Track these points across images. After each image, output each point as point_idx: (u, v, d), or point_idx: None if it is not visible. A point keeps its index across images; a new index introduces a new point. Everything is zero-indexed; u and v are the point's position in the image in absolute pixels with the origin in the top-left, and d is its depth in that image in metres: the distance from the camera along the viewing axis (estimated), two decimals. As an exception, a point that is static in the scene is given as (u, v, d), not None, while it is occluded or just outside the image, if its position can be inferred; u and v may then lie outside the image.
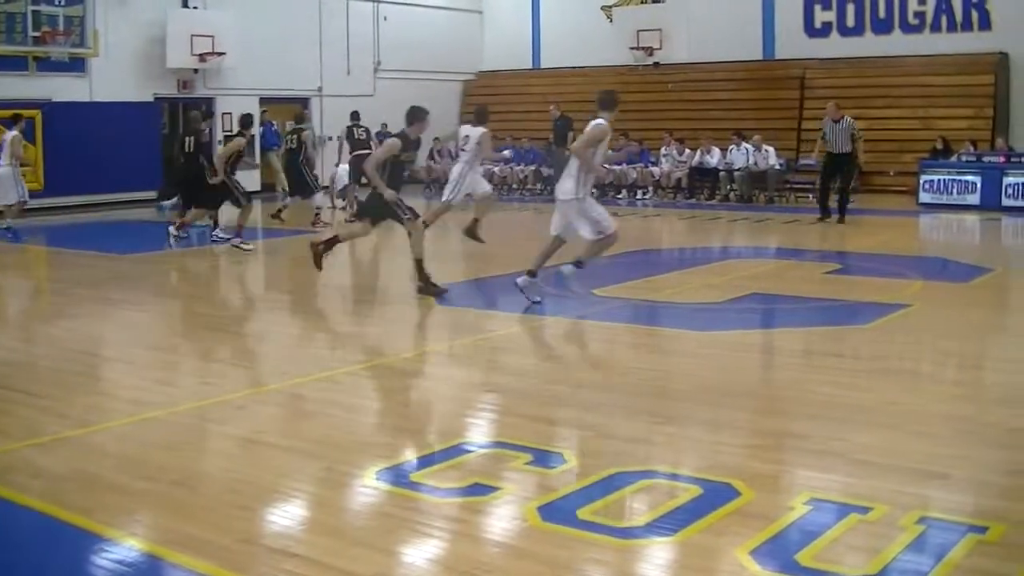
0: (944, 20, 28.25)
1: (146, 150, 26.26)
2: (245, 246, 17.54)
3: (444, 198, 17.31)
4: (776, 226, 20.63)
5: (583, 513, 5.68)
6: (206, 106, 28.11)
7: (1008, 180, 22.79)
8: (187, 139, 19.11)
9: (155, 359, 10.13)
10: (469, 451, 6.88)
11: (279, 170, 29.09)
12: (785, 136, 27.98)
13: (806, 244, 17.80)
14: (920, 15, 28.55)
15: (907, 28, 28.73)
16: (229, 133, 28.28)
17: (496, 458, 6.71)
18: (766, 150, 25.61)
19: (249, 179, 28.54)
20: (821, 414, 7.65)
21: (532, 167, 29.08)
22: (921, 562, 5.09)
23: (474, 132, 16.81)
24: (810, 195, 25.14)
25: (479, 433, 7.58)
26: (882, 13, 29.07)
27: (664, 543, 5.35)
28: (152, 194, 26.61)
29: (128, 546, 5.37)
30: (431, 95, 31.89)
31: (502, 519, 5.74)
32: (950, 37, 28.05)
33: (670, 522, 5.55)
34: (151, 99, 26.98)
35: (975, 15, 27.79)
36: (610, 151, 13.39)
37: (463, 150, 17.09)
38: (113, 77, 25.70)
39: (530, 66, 35.04)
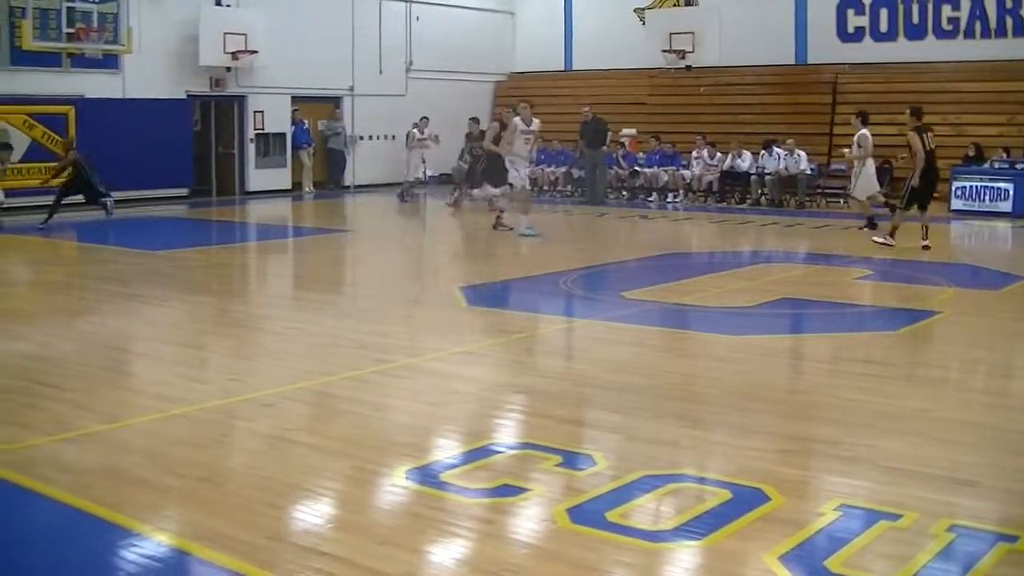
0: (978, 26, 28.08)
1: (178, 147, 26.37)
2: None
3: None
4: (807, 231, 20.59)
5: (612, 515, 5.67)
6: (238, 104, 28.25)
7: (1039, 188, 22.67)
8: None
9: (184, 355, 10.18)
10: (498, 452, 6.88)
11: (309, 168, 29.35)
12: (817, 141, 27.85)
13: (836, 249, 17.73)
14: (954, 21, 28.38)
15: (940, 34, 28.58)
16: (260, 131, 28.43)
17: (525, 459, 6.70)
18: (798, 155, 25.55)
19: (280, 177, 28.76)
20: (851, 420, 7.61)
21: (563, 169, 29.06)
22: (950, 570, 5.08)
23: None
24: (841, 200, 25.07)
25: (508, 434, 7.58)
26: (915, 18, 28.93)
27: (692, 547, 5.34)
28: (184, 191, 26.76)
29: (155, 541, 5.39)
30: (463, 96, 32.11)
31: (530, 520, 5.74)
32: (984, 43, 27.88)
33: (699, 526, 5.54)
34: (183, 96, 27.06)
35: (1009, 21, 27.62)
36: None
37: None
38: (146, 74, 25.79)
39: (562, 68, 35.00)
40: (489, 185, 21.24)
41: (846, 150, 21.96)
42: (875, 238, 17.11)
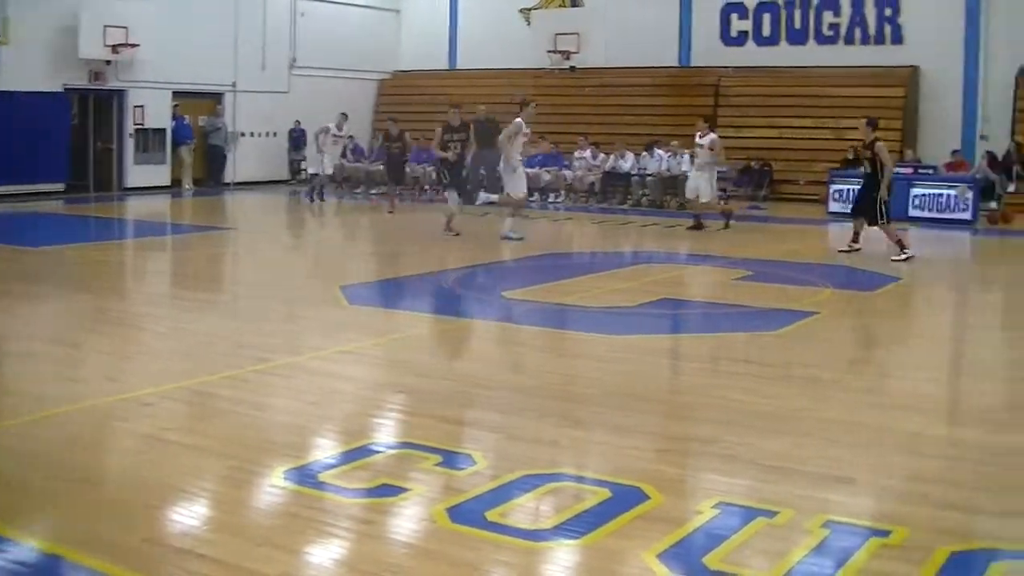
0: (858, 33, 28.68)
1: (55, 142, 25.84)
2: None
3: None
4: (687, 232, 20.77)
5: (491, 515, 5.68)
6: (117, 98, 27.78)
7: (915, 191, 23.18)
8: None
9: (60, 354, 9.95)
10: (378, 452, 6.85)
11: (189, 165, 28.98)
12: (699, 143, 28.22)
13: (717, 250, 17.92)
14: (835, 27, 28.94)
15: (822, 39, 29.11)
16: (140, 126, 27.99)
17: (405, 459, 6.68)
18: (681, 156, 25.79)
19: (159, 173, 28.34)
20: (730, 419, 7.71)
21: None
22: (825, 565, 5.16)
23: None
24: (722, 201, 25.40)
25: (388, 434, 7.55)
26: (797, 24, 29.43)
27: (572, 546, 5.36)
28: (60, 186, 26.23)
29: (28, 546, 5.27)
30: (346, 93, 31.95)
31: (410, 520, 5.73)
32: (863, 49, 28.49)
33: (578, 525, 5.56)
34: (61, 89, 26.51)
35: (888, 29, 28.27)
36: None
37: None
38: (22, 66, 25.17)
39: (446, 67, 34.99)
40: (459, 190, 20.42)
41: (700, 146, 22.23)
42: (894, 258, 16.93)
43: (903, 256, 16.63)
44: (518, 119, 18.71)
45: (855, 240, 17.48)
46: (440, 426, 7.46)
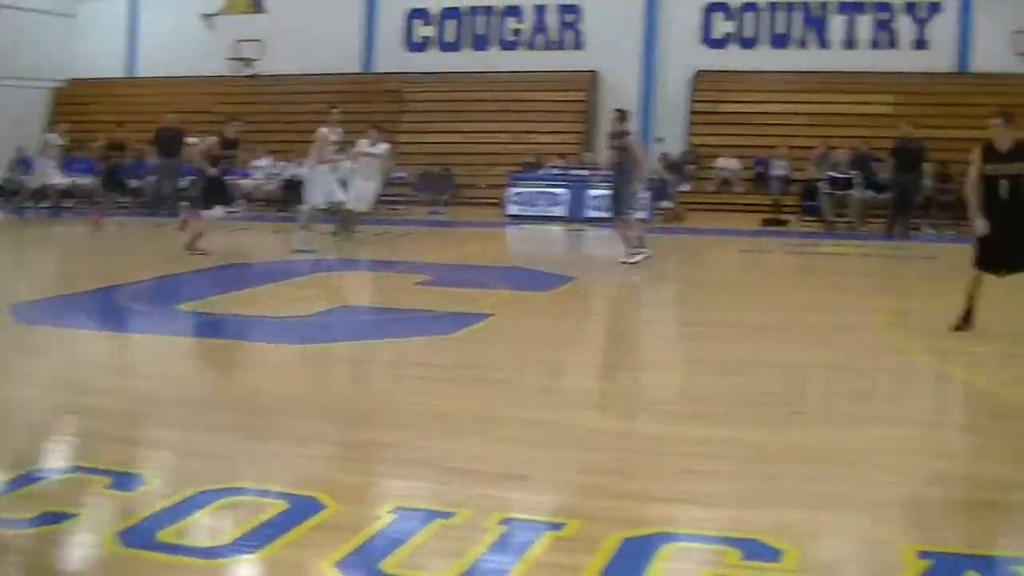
0: (540, 39, 29.50)
1: None
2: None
3: None
4: (367, 238, 20.82)
5: (164, 535, 5.51)
6: None
7: (593, 193, 23.91)
8: None
9: None
10: (42, 478, 6.53)
11: None
12: (380, 150, 28.37)
13: (396, 256, 18.06)
14: (518, 33, 29.65)
15: (505, 45, 29.83)
16: None
17: (72, 483, 6.39)
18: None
19: None
20: (408, 423, 7.77)
21: (88, 178, 27.83)
22: (503, 561, 5.25)
23: None
24: (399, 207, 25.70)
25: (53, 458, 7.18)
26: (481, 30, 29.98)
27: (248, 560, 5.27)
28: None
29: None
30: (11, 103, 30.57)
31: (79, 547, 5.50)
32: (545, 55, 29.34)
33: (255, 539, 5.48)
34: None
35: (569, 35, 29.18)
36: None
37: None
38: None
39: (126, 74, 34.05)
40: (219, 206, 19.16)
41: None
42: (622, 259, 16.88)
43: (633, 259, 16.89)
44: (323, 128, 18.67)
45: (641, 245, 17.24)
46: (110, 447, 7.17)
